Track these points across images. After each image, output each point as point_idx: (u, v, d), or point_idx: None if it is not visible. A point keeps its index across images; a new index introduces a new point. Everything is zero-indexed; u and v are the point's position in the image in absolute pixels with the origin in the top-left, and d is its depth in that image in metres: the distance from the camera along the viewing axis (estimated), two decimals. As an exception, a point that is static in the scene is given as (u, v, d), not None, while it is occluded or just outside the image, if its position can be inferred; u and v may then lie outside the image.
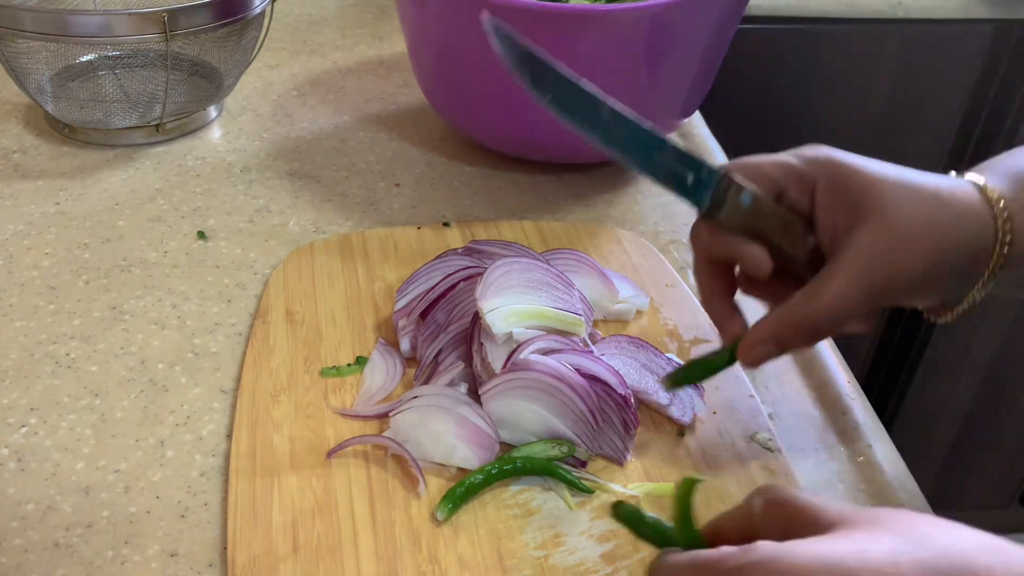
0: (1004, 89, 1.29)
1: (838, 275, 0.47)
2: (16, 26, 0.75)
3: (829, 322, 0.48)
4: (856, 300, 0.47)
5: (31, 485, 0.53)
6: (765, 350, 0.50)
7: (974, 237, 0.47)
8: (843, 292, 0.47)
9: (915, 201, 0.47)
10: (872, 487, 0.55)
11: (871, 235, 0.46)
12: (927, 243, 0.46)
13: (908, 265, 0.46)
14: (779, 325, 0.49)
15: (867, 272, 0.47)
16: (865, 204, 0.47)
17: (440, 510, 0.50)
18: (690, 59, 0.75)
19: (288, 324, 0.63)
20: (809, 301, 0.48)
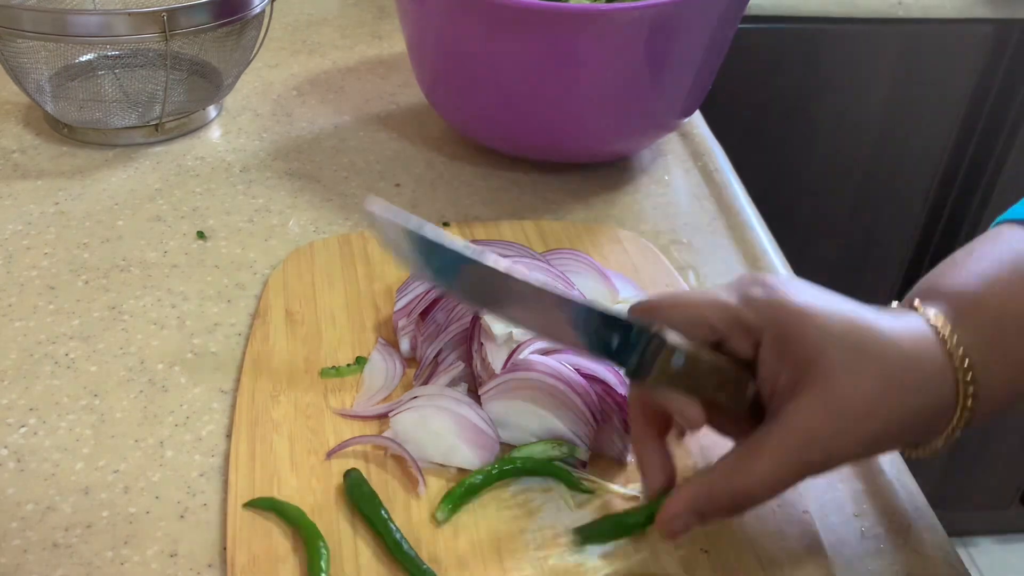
0: (1004, 89, 1.29)
1: (770, 451, 0.43)
2: (15, 26, 0.75)
3: (755, 500, 0.44)
4: (787, 479, 0.43)
5: (31, 485, 0.53)
6: (684, 523, 0.45)
7: (933, 402, 0.43)
8: (773, 471, 0.43)
9: (865, 374, 0.42)
10: (873, 487, 0.55)
11: (811, 409, 0.42)
12: (872, 423, 0.42)
13: (849, 446, 0.42)
14: (701, 498, 0.45)
15: (803, 450, 0.42)
16: (810, 371, 0.42)
17: (440, 511, 0.50)
18: (690, 59, 0.75)
19: (288, 324, 0.63)
20: (734, 477, 0.44)
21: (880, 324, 0.43)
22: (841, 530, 0.53)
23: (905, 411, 0.42)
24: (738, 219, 0.78)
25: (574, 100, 0.74)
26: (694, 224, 0.78)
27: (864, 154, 1.36)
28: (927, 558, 0.51)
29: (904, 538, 0.52)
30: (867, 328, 0.43)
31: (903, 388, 0.42)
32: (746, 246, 0.75)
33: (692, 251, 0.74)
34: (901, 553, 0.51)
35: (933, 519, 0.53)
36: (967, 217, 1.38)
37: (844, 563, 0.51)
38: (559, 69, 0.71)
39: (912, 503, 0.54)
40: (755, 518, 0.52)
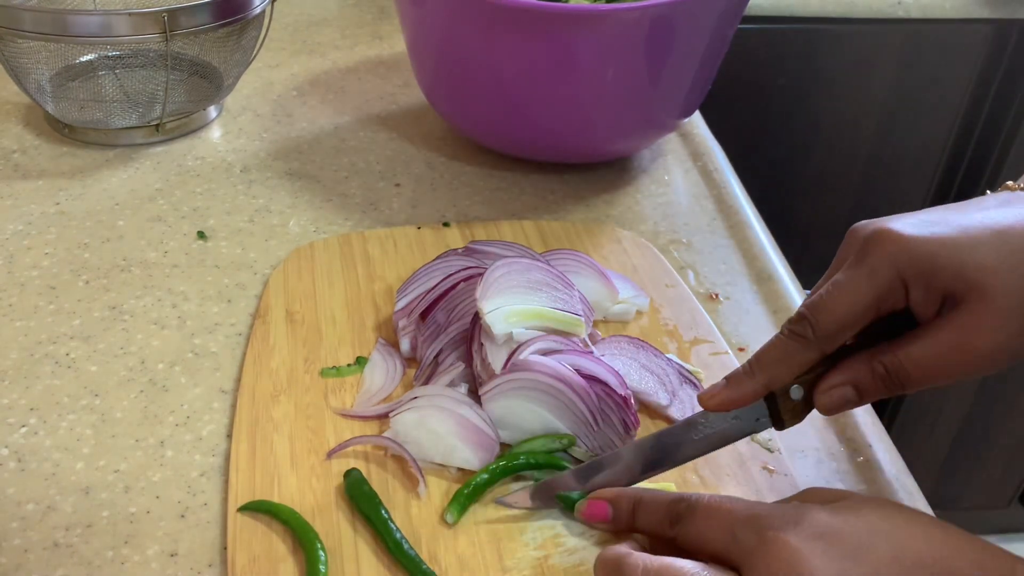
0: (1004, 89, 1.29)
1: (932, 339, 0.44)
2: (16, 26, 0.75)
3: (910, 381, 0.45)
4: (945, 368, 0.44)
5: (31, 485, 0.53)
6: (841, 395, 0.46)
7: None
8: (933, 355, 0.44)
9: (1014, 271, 0.43)
10: (872, 487, 0.55)
11: (974, 310, 0.43)
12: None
13: (1011, 340, 0.43)
14: (862, 372, 0.46)
15: (964, 342, 0.43)
16: (962, 287, 0.43)
17: (450, 513, 0.50)
18: (690, 59, 0.75)
19: (288, 324, 0.63)
20: (895, 354, 0.45)
21: (1004, 222, 0.44)
22: (841, 530, 0.53)
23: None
24: (738, 219, 0.78)
25: (574, 100, 0.74)
26: (694, 224, 0.78)
27: (864, 154, 1.36)
28: (926, 558, 0.51)
29: (903, 538, 0.52)
30: (997, 231, 0.44)
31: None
32: (746, 246, 0.75)
33: (692, 251, 0.74)
34: (900, 553, 0.51)
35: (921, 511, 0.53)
36: (967, 217, 1.38)
37: (844, 563, 0.51)
38: (559, 69, 0.71)
39: (912, 503, 0.54)
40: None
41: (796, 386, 0.47)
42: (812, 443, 0.58)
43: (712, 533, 0.43)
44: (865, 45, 1.26)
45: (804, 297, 0.70)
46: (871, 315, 0.45)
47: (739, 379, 0.48)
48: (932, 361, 0.44)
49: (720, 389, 0.48)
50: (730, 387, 0.48)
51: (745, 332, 0.66)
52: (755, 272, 0.72)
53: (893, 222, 0.45)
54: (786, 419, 0.48)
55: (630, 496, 0.48)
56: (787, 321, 0.47)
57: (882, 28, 1.24)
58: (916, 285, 0.44)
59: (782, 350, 0.47)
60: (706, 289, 0.70)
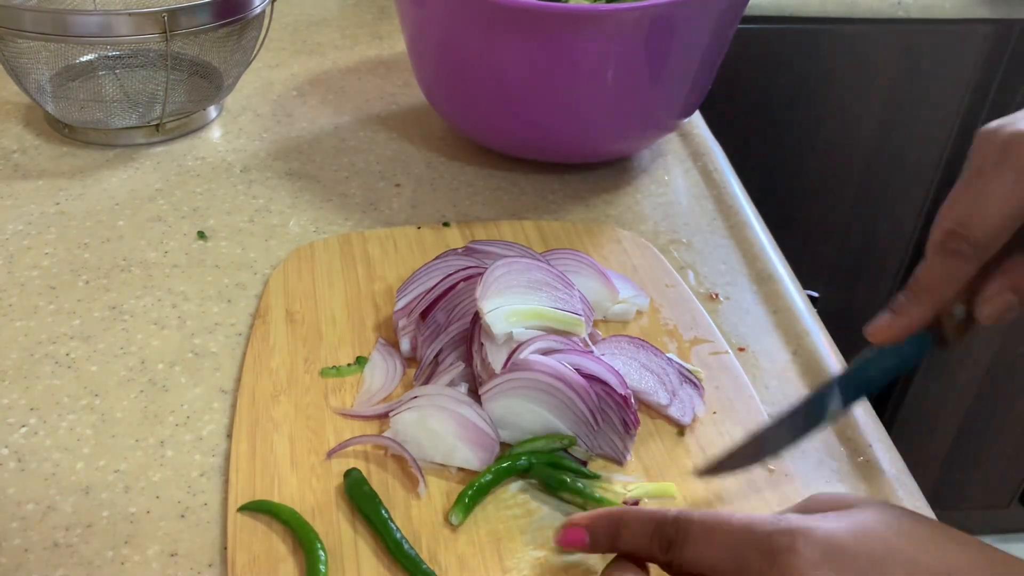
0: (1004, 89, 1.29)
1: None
2: (16, 26, 0.75)
3: None
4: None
5: (31, 485, 0.53)
6: (1005, 300, 0.45)
7: None
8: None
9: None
10: (872, 487, 0.55)
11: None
12: None
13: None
14: (1020, 273, 0.45)
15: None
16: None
17: (454, 514, 0.50)
18: (690, 59, 0.75)
19: (288, 324, 0.63)
20: None
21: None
22: (841, 530, 0.53)
23: None
24: (738, 219, 0.78)
25: (574, 100, 0.74)
26: (694, 224, 0.78)
27: (864, 154, 1.36)
28: (927, 558, 0.51)
29: (904, 538, 0.52)
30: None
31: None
32: (746, 246, 0.75)
33: (692, 251, 0.74)
34: (901, 553, 0.51)
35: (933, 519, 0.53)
36: (967, 217, 1.38)
37: (844, 563, 0.51)
38: (559, 69, 0.71)
39: (912, 503, 0.54)
40: (755, 518, 0.52)
41: (959, 305, 0.46)
42: (812, 443, 0.58)
43: (714, 558, 0.40)
44: (865, 45, 1.26)
45: (804, 297, 0.70)
46: (1022, 219, 0.44)
47: (905, 307, 0.47)
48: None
49: (889, 320, 0.47)
50: (899, 316, 0.47)
51: (745, 332, 0.67)
52: (755, 272, 0.72)
53: (1021, 122, 0.44)
54: (951, 339, 0.47)
55: (610, 518, 0.44)
56: (934, 241, 0.46)
57: (882, 28, 1.24)
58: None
59: (942, 269, 0.46)
60: (706, 289, 0.71)
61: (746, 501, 0.53)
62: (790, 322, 0.67)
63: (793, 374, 0.63)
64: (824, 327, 0.67)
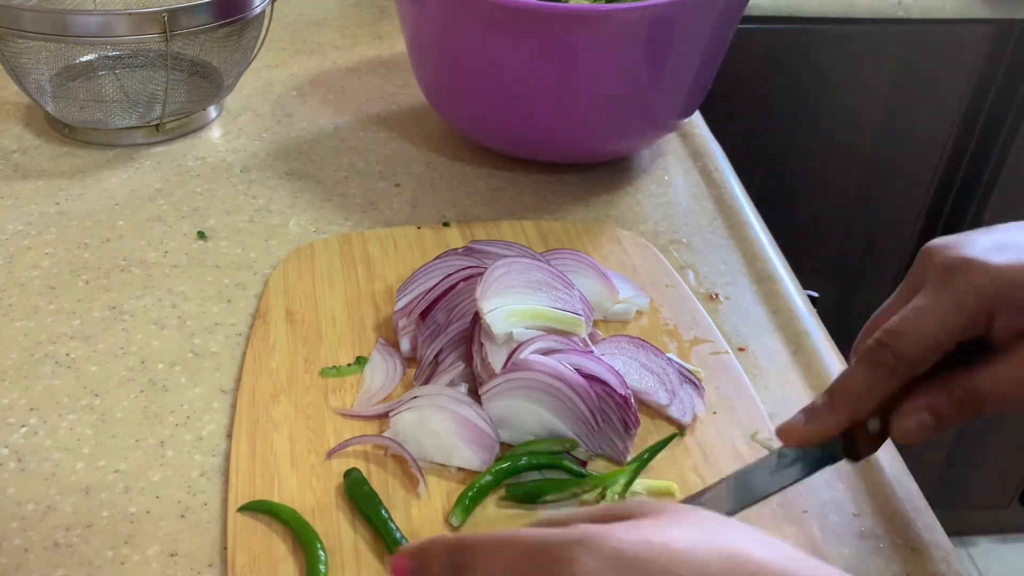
0: (1004, 89, 1.29)
1: (1011, 361, 0.43)
2: (16, 26, 0.75)
3: (987, 402, 0.44)
4: None
5: (31, 485, 0.53)
6: (918, 421, 0.45)
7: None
8: (1013, 375, 0.43)
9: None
10: (872, 487, 0.55)
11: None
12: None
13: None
14: (938, 398, 0.45)
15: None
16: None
17: (454, 515, 0.50)
18: (690, 59, 0.75)
19: (288, 324, 0.63)
20: (972, 378, 0.44)
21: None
22: (841, 530, 0.53)
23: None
24: (738, 219, 0.78)
25: (574, 100, 0.74)
26: (694, 224, 0.78)
27: (864, 154, 1.36)
28: (926, 558, 0.51)
29: (904, 538, 0.52)
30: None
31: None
32: (746, 246, 0.75)
33: (692, 251, 0.74)
34: (901, 553, 0.52)
35: (933, 519, 0.54)
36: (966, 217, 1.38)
37: (844, 563, 0.51)
38: (559, 69, 0.71)
39: (912, 503, 0.54)
40: (754, 518, 0.52)
41: (874, 419, 0.46)
42: (812, 443, 0.58)
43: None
44: (865, 45, 1.26)
45: (804, 297, 0.70)
46: (953, 343, 0.45)
47: (820, 413, 0.46)
48: (1012, 384, 0.44)
49: (800, 424, 0.47)
50: (811, 422, 0.47)
51: (745, 332, 0.67)
52: (755, 272, 0.72)
53: (972, 247, 0.45)
54: (862, 451, 0.47)
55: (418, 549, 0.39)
56: (864, 349, 0.46)
57: (882, 28, 1.24)
58: (1002, 314, 0.44)
59: (864, 381, 0.46)
60: (706, 289, 0.71)
61: (746, 501, 0.53)
62: (790, 322, 0.67)
63: (793, 374, 0.63)
64: (824, 327, 0.67)
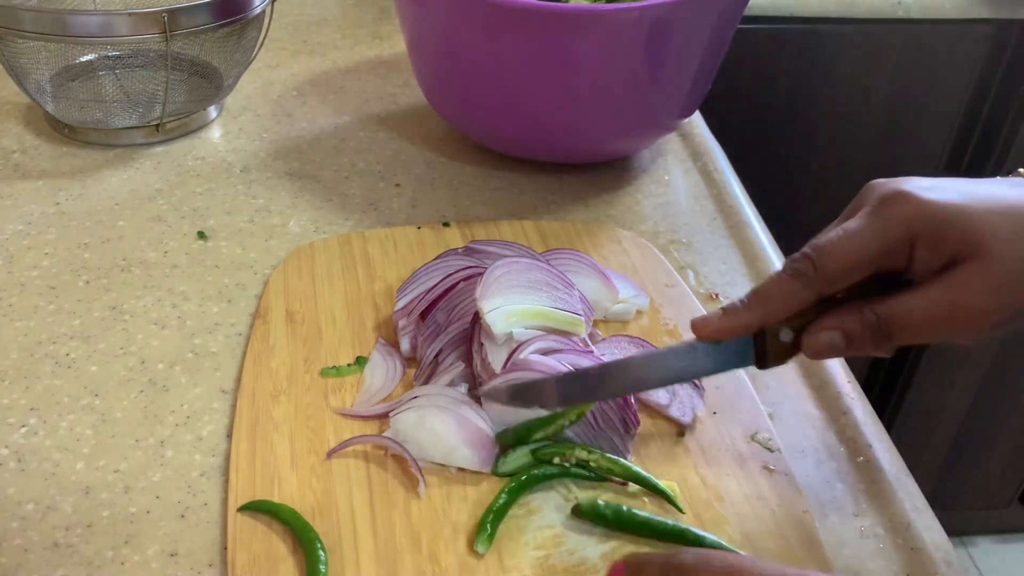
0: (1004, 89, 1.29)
1: (927, 295, 0.45)
2: (16, 26, 0.75)
3: (899, 333, 0.46)
4: (933, 325, 0.45)
5: (31, 485, 0.53)
6: (830, 340, 0.47)
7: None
8: (926, 310, 0.45)
9: (1021, 238, 0.44)
10: (872, 487, 0.55)
11: (975, 274, 0.44)
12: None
13: (1005, 309, 0.44)
14: (851, 321, 0.47)
15: (958, 303, 0.44)
16: (970, 252, 0.44)
17: (480, 543, 0.49)
18: (690, 59, 0.75)
19: (288, 324, 0.63)
20: (887, 307, 0.46)
21: (1014, 197, 0.45)
22: (841, 530, 0.53)
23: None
24: (738, 219, 0.78)
25: (574, 100, 0.74)
26: (694, 224, 0.78)
27: (864, 154, 1.36)
28: (927, 558, 0.51)
29: (904, 538, 0.52)
30: (1009, 203, 0.45)
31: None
32: (746, 246, 0.75)
33: (692, 251, 0.74)
34: (900, 553, 0.52)
35: (932, 519, 0.54)
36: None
37: (844, 563, 0.51)
38: (559, 69, 0.71)
39: (912, 503, 0.54)
40: (754, 518, 0.52)
41: (787, 329, 0.48)
42: (812, 443, 0.58)
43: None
44: (865, 45, 1.26)
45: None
46: (873, 267, 0.46)
47: (735, 311, 0.48)
48: (924, 315, 0.45)
49: (715, 319, 0.49)
50: (725, 317, 0.49)
51: (745, 332, 0.66)
52: (755, 272, 0.72)
53: (910, 183, 0.46)
54: (771, 358, 0.49)
55: (635, 561, 0.46)
56: (789, 259, 0.48)
57: (882, 28, 1.24)
58: (923, 244, 0.45)
59: (781, 287, 0.48)
60: (706, 289, 0.71)
61: (746, 502, 0.53)
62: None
63: (793, 374, 0.63)
64: (824, 327, 0.67)
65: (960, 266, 0.45)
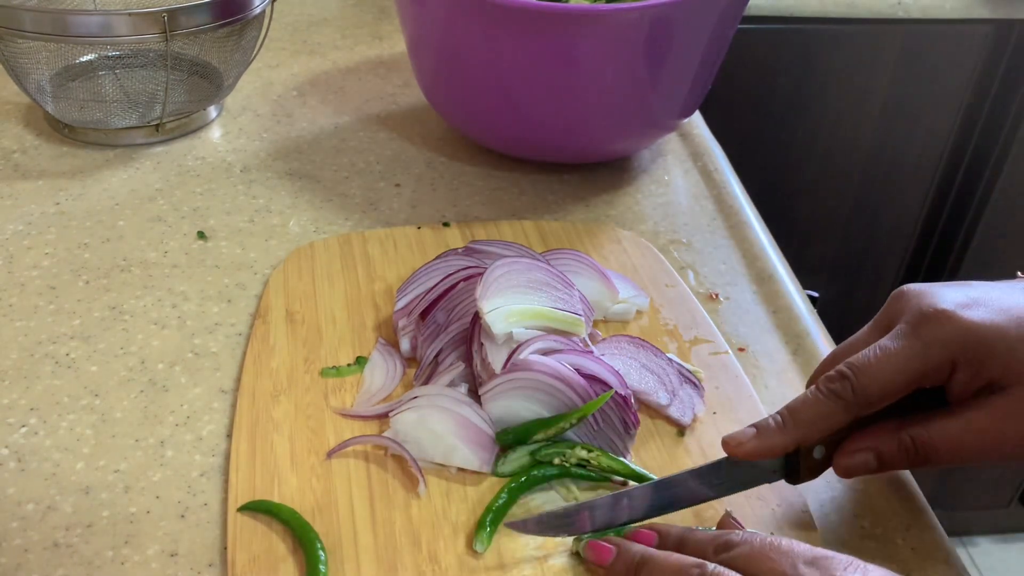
0: (1004, 89, 1.29)
1: (965, 420, 0.45)
2: (16, 26, 0.75)
3: (934, 456, 0.46)
4: (969, 452, 0.45)
5: (31, 485, 0.53)
6: (863, 460, 0.47)
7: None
8: (961, 435, 0.45)
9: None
10: (872, 487, 0.55)
11: (1014, 402, 0.44)
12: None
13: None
14: (886, 442, 0.47)
15: (996, 432, 0.45)
16: (1008, 375, 0.44)
17: (479, 542, 0.49)
18: (690, 59, 0.75)
19: (288, 324, 0.63)
20: (923, 430, 0.46)
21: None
22: (841, 530, 0.53)
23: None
24: (738, 219, 0.78)
25: (574, 100, 0.74)
26: (694, 224, 0.78)
27: (864, 154, 1.36)
28: (927, 558, 0.51)
29: (903, 538, 0.52)
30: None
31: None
32: (746, 246, 0.75)
33: (692, 251, 0.74)
34: (900, 553, 0.52)
35: (933, 519, 0.54)
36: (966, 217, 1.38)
37: (844, 563, 0.51)
38: (559, 69, 0.71)
39: (912, 503, 0.54)
40: (755, 518, 0.52)
41: (820, 446, 0.47)
42: (812, 443, 0.58)
43: None
44: (865, 45, 1.26)
45: (804, 297, 0.70)
46: (911, 388, 0.45)
47: (770, 432, 0.47)
48: (962, 441, 0.45)
49: (749, 438, 0.47)
50: (760, 438, 0.47)
51: (745, 332, 0.67)
52: (755, 272, 0.72)
53: (947, 299, 0.46)
54: (803, 476, 0.48)
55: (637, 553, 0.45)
56: (825, 378, 0.47)
57: (882, 28, 1.24)
58: (964, 369, 0.45)
59: (819, 409, 0.47)
60: (706, 289, 0.71)
61: (746, 502, 0.53)
62: (790, 322, 0.67)
63: (793, 374, 0.63)
64: (824, 327, 0.67)
65: (1000, 393, 0.44)
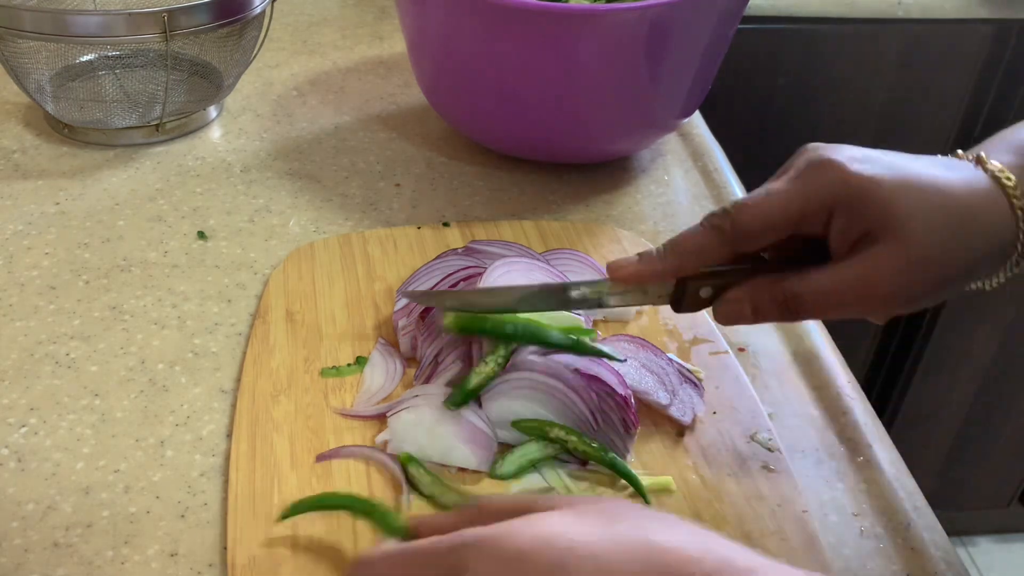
0: (1004, 89, 1.29)
1: (837, 272, 0.46)
2: (16, 26, 0.75)
3: (805, 309, 0.47)
4: (843, 302, 0.46)
5: (31, 485, 0.53)
6: (738, 309, 0.49)
7: (995, 245, 0.46)
8: (833, 288, 0.46)
9: (934, 223, 0.45)
10: (872, 487, 0.55)
11: (886, 253, 0.45)
12: (942, 268, 0.45)
13: (915, 287, 0.45)
14: (760, 290, 0.48)
15: (869, 282, 0.45)
16: (884, 227, 0.45)
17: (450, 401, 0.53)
18: (690, 59, 0.75)
19: (288, 324, 0.63)
20: (796, 282, 0.47)
21: (941, 179, 0.46)
22: (841, 530, 0.53)
23: (973, 254, 0.46)
24: (738, 219, 0.78)
25: (574, 100, 0.74)
26: (694, 224, 0.78)
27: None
28: (926, 558, 0.51)
29: (903, 538, 0.52)
30: (932, 185, 0.45)
31: (974, 232, 0.45)
32: (746, 246, 0.75)
33: (692, 251, 0.74)
34: (900, 553, 0.52)
35: (932, 519, 0.54)
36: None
37: (844, 563, 0.51)
38: (559, 69, 0.71)
39: (911, 503, 0.54)
40: (754, 517, 0.52)
41: (707, 287, 0.49)
42: (812, 443, 0.58)
43: None
44: (865, 45, 1.26)
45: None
46: (789, 229, 0.47)
47: (651, 259, 0.50)
48: (831, 295, 0.46)
49: (631, 263, 0.50)
50: (641, 263, 0.50)
51: (744, 332, 0.67)
52: (755, 272, 0.72)
53: (842, 152, 0.47)
54: (686, 307, 0.51)
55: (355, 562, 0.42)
56: (708, 213, 0.48)
57: (882, 28, 1.24)
58: (840, 215, 0.46)
59: (697, 240, 0.49)
60: (706, 289, 0.70)
61: (746, 502, 0.53)
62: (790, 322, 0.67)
63: (793, 374, 0.63)
64: (824, 327, 0.67)
65: (872, 245, 0.45)
